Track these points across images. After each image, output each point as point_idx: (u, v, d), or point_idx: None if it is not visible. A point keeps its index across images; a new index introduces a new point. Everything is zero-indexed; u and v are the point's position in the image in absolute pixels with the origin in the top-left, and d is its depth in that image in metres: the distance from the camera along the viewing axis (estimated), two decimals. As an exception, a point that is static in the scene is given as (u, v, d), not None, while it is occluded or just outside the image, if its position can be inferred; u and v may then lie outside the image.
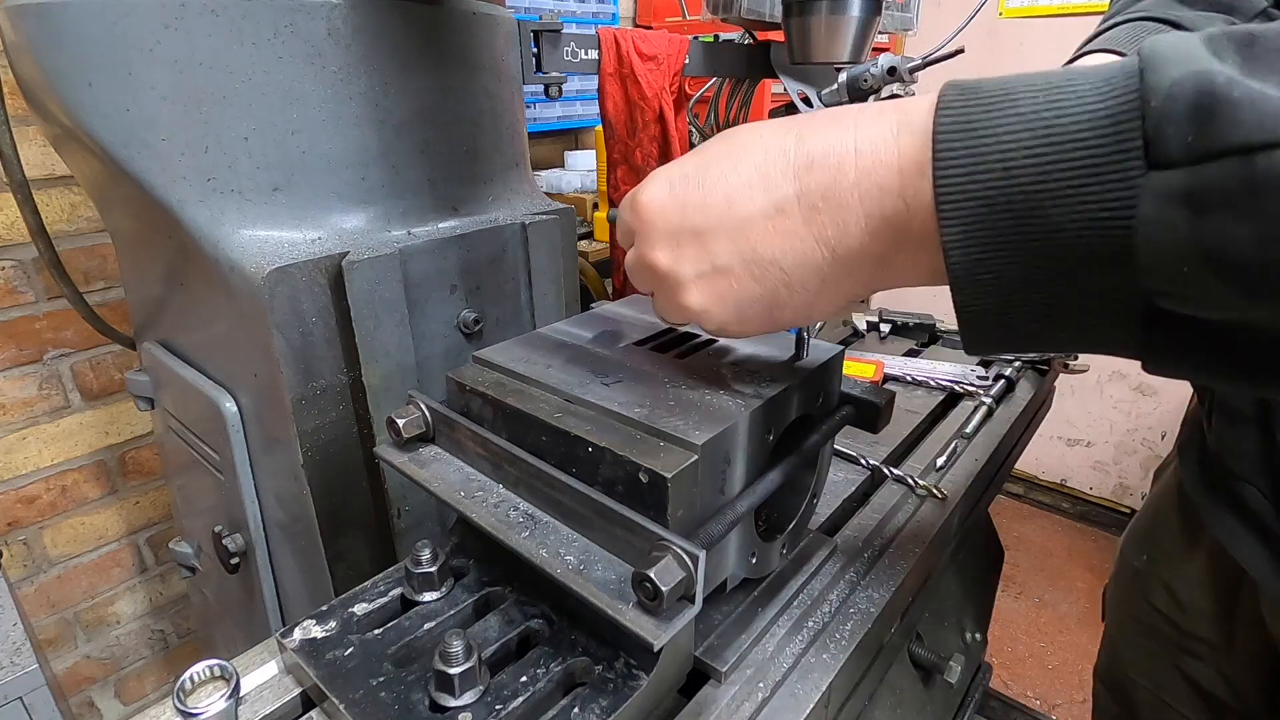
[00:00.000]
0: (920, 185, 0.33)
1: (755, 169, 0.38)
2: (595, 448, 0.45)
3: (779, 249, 0.38)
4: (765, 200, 0.38)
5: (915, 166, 0.33)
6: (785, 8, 1.02)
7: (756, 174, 0.38)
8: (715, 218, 0.39)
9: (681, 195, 0.41)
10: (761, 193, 0.38)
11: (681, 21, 2.19)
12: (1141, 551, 0.79)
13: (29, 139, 1.26)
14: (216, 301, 0.74)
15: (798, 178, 0.37)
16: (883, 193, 0.35)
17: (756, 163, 0.39)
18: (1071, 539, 2.64)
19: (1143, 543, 0.79)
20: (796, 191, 0.37)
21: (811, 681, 0.52)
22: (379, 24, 0.70)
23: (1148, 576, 0.77)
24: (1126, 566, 0.82)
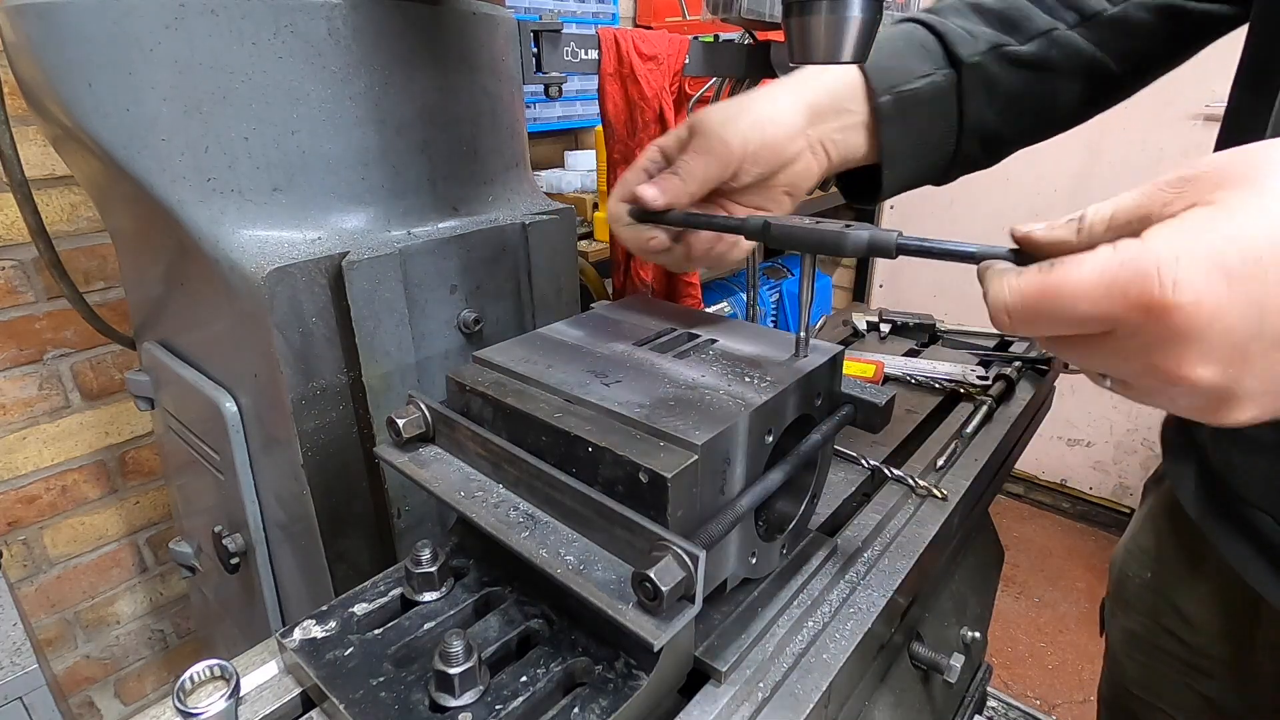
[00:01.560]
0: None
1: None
2: (595, 448, 0.45)
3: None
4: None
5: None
6: (785, 8, 1.02)
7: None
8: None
9: (1254, 291, 0.28)
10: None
11: (681, 21, 2.18)
12: (1144, 569, 0.77)
13: (29, 139, 1.26)
14: (216, 301, 0.74)
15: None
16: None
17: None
18: (1071, 539, 2.64)
19: (1144, 559, 0.77)
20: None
21: (811, 681, 0.52)
22: (379, 24, 0.70)
23: (1153, 594, 0.75)
24: (1128, 583, 0.79)
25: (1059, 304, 0.32)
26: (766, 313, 2.63)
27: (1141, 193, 0.33)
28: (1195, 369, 0.30)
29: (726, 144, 0.56)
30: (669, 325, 0.62)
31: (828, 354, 0.56)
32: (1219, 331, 0.29)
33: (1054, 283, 0.32)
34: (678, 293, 1.51)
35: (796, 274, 2.71)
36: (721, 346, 0.58)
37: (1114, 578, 0.83)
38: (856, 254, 0.47)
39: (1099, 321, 0.32)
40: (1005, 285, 0.34)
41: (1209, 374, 0.30)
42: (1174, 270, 0.28)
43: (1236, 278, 0.28)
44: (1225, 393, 0.31)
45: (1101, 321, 0.32)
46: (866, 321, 1.21)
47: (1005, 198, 2.63)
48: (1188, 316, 0.29)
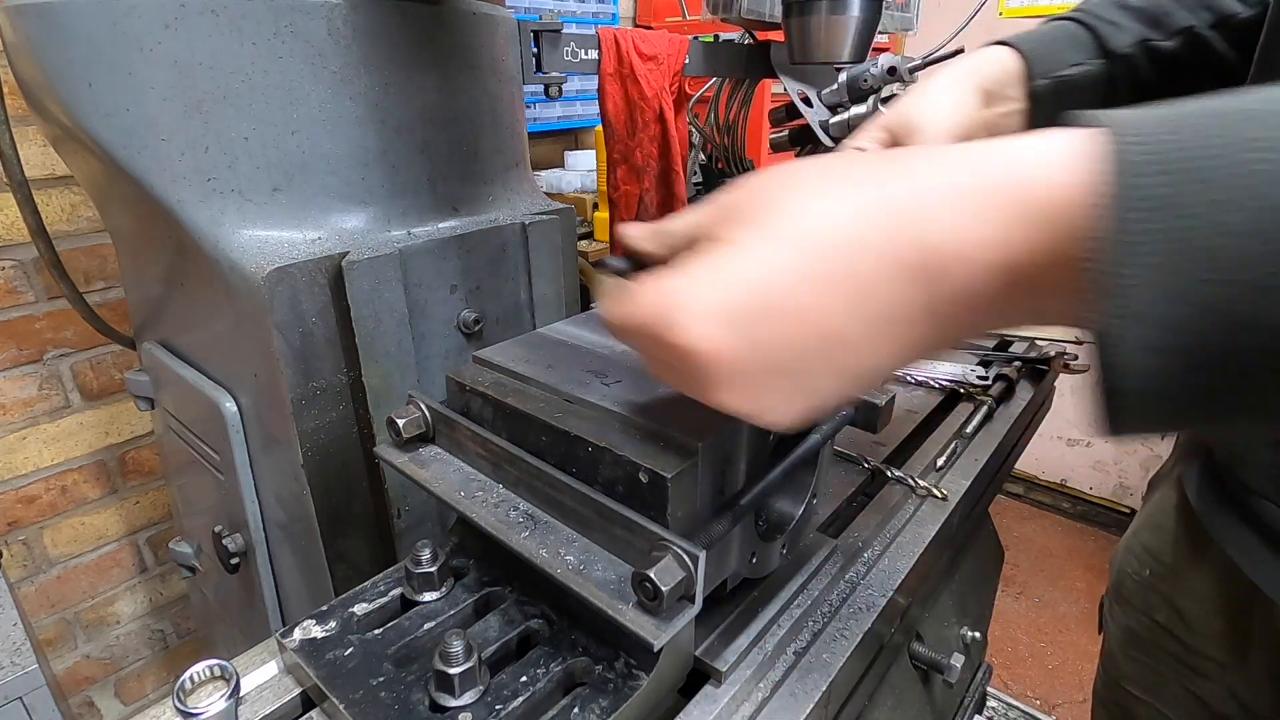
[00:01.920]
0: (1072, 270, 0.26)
1: (845, 277, 0.30)
2: (595, 448, 0.45)
3: (891, 355, 0.32)
4: (870, 316, 0.30)
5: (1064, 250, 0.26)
6: (785, 8, 1.02)
7: (848, 283, 0.30)
8: (807, 350, 0.31)
9: (750, 333, 0.31)
10: (861, 307, 0.30)
11: (681, 21, 2.19)
12: (1143, 566, 0.77)
13: (29, 139, 1.26)
14: (216, 301, 0.74)
15: (906, 282, 0.29)
16: (1018, 282, 0.28)
17: (844, 267, 0.30)
18: (1071, 539, 2.64)
19: (1143, 556, 0.77)
20: (908, 297, 0.30)
21: (811, 681, 0.52)
22: (379, 24, 0.70)
23: (1149, 591, 0.75)
24: (1126, 580, 0.80)
25: (627, 334, 0.36)
26: (766, 313, 2.63)
27: (707, 208, 0.36)
28: (727, 400, 0.33)
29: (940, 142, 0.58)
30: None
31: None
32: (735, 373, 0.32)
33: (620, 314, 0.35)
34: (678, 293, 1.51)
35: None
36: (721, 346, 0.58)
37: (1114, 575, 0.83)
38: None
39: (653, 355, 0.36)
40: (602, 306, 0.37)
41: (738, 402, 0.33)
42: (687, 319, 0.31)
43: (741, 325, 0.31)
44: (756, 412, 0.34)
45: (655, 355, 0.35)
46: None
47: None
48: (708, 363, 0.32)
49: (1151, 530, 0.77)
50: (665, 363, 0.35)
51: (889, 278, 0.29)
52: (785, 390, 0.33)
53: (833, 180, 0.32)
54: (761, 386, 0.33)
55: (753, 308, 0.31)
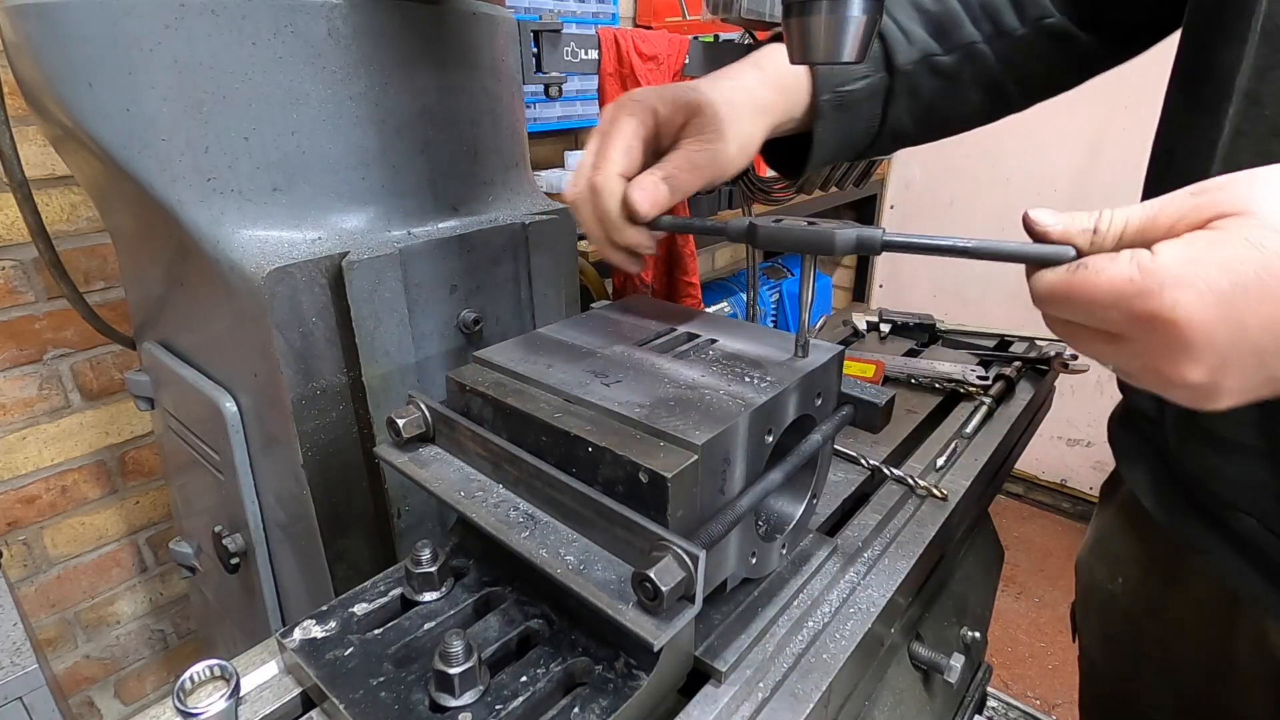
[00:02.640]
0: None
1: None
2: (595, 448, 0.45)
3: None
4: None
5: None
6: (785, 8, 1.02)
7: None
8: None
9: (1240, 313, 0.34)
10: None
11: (681, 21, 2.18)
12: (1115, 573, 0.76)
13: (29, 139, 1.26)
14: (216, 301, 0.74)
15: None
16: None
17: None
18: (1071, 539, 2.64)
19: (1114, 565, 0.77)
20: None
21: (811, 681, 0.52)
22: (379, 24, 0.70)
23: (1126, 599, 0.75)
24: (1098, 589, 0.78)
25: (1078, 304, 0.38)
26: (766, 313, 2.63)
27: (1150, 211, 0.38)
28: (1188, 373, 0.36)
29: (717, 165, 0.57)
30: (669, 325, 0.62)
31: (828, 354, 0.56)
32: (1208, 344, 0.35)
33: (1077, 284, 0.38)
34: (678, 293, 1.51)
35: (796, 274, 2.71)
36: (721, 346, 0.58)
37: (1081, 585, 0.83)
38: (845, 252, 0.48)
39: (1109, 325, 0.38)
40: (1043, 276, 0.40)
41: (1198, 376, 0.36)
42: (1175, 292, 0.34)
43: (1225, 301, 0.34)
44: (1210, 389, 0.36)
45: (1111, 325, 0.37)
46: (866, 321, 1.21)
47: (1005, 198, 2.63)
48: (1183, 332, 0.34)
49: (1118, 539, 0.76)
50: (1134, 335, 0.37)
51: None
52: (1250, 373, 0.35)
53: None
54: (1231, 367, 0.35)
55: (1241, 287, 0.33)
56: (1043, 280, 0.40)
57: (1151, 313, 0.35)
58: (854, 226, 0.48)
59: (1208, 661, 0.68)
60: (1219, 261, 0.34)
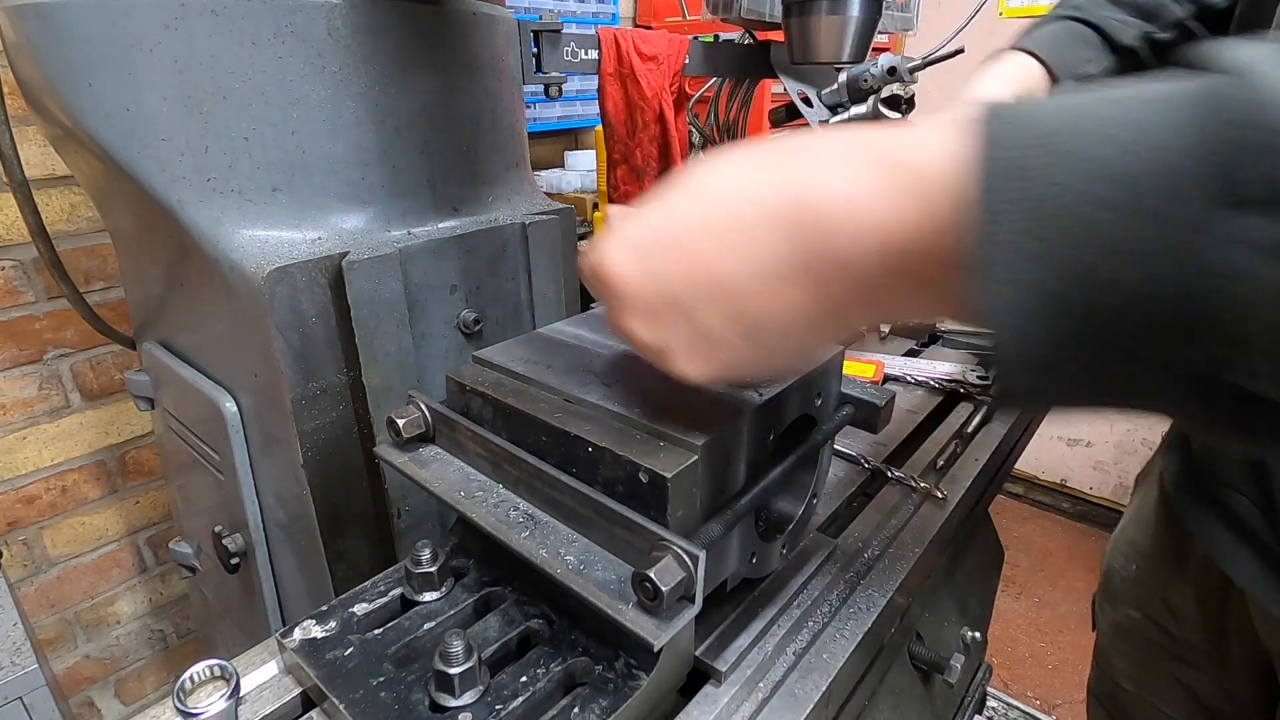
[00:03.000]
0: (941, 241, 0.28)
1: (733, 224, 0.33)
2: (595, 448, 0.45)
3: (772, 311, 0.34)
4: (751, 262, 0.33)
5: (932, 219, 0.28)
6: (785, 8, 1.02)
7: (736, 230, 0.33)
8: (696, 286, 0.35)
9: (652, 264, 0.36)
10: (745, 253, 0.33)
11: (681, 21, 2.18)
12: (1130, 561, 0.78)
13: (29, 139, 1.26)
14: (216, 301, 0.74)
15: (785, 233, 0.32)
16: (891, 248, 0.29)
17: (734, 215, 0.33)
18: (1071, 539, 2.64)
19: (1130, 552, 0.78)
20: (785, 249, 0.32)
21: (811, 681, 0.52)
22: (379, 24, 0.70)
23: (1138, 586, 0.76)
24: (1115, 576, 0.80)
25: (586, 283, 0.41)
26: (766, 313, 2.63)
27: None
28: (634, 327, 0.38)
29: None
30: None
31: (828, 354, 0.56)
32: (636, 296, 0.37)
33: (579, 265, 0.43)
34: (678, 293, 1.51)
35: (796, 274, 2.70)
36: (721, 346, 0.57)
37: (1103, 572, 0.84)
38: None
39: (591, 285, 0.41)
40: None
41: (642, 330, 0.38)
42: (608, 250, 0.38)
43: (641, 253, 0.36)
44: (660, 348, 0.38)
45: (591, 285, 0.41)
46: (866, 321, 1.21)
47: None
48: (613, 280, 0.38)
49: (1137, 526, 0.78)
50: (604, 299, 0.40)
51: (769, 225, 0.32)
52: (686, 332, 0.36)
53: (746, 152, 0.35)
54: (663, 320, 0.36)
55: (653, 241, 0.36)
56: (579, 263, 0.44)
57: (594, 267, 0.39)
58: None
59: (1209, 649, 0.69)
60: (641, 221, 0.37)
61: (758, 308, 0.34)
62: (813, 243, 0.31)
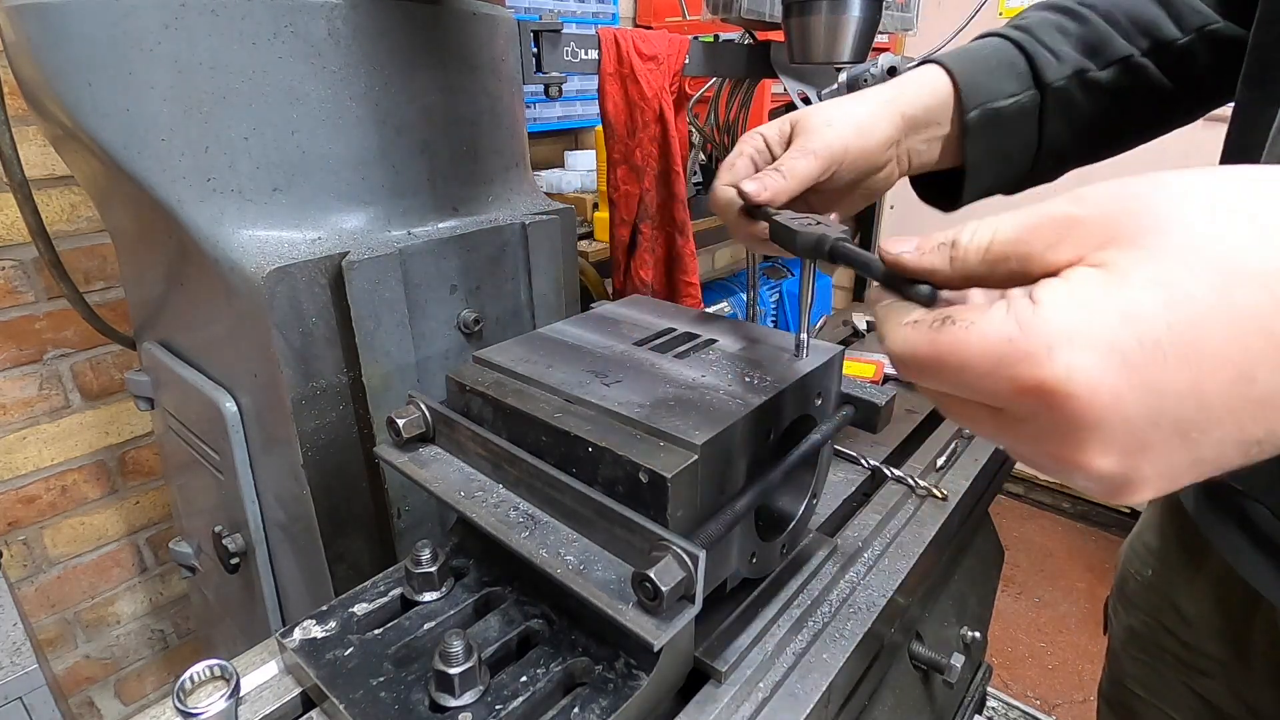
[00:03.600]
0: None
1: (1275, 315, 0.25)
2: (595, 448, 0.45)
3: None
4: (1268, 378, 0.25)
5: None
6: (785, 8, 1.02)
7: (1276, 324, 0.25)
8: (1215, 405, 0.26)
9: (1149, 378, 0.26)
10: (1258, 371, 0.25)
11: (681, 21, 2.18)
12: (1144, 566, 0.77)
13: (29, 139, 1.26)
14: (216, 301, 0.74)
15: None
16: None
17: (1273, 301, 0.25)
18: (1071, 539, 2.64)
19: (1145, 556, 0.77)
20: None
21: (811, 681, 0.52)
22: (379, 24, 0.70)
23: (1153, 592, 0.75)
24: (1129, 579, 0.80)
25: (947, 371, 0.30)
26: (766, 313, 2.63)
27: (1022, 224, 0.30)
28: (1094, 460, 0.28)
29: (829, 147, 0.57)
30: (669, 325, 0.62)
31: (828, 354, 0.56)
32: (1117, 422, 0.27)
33: (944, 347, 0.29)
34: (678, 293, 1.51)
35: (796, 274, 2.71)
36: (721, 346, 0.58)
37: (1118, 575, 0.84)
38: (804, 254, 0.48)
39: (988, 396, 0.29)
40: (900, 336, 0.31)
41: (1108, 464, 0.28)
42: (1068, 354, 0.26)
43: (1134, 364, 0.26)
44: (1124, 479, 0.28)
45: (991, 396, 0.29)
46: (866, 321, 1.21)
47: (1006, 201, 2.63)
48: (1084, 406, 0.26)
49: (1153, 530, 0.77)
50: (1014, 411, 0.29)
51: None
52: (1173, 454, 0.27)
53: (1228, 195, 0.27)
54: (1146, 446, 0.27)
55: (1147, 344, 0.25)
56: (894, 339, 0.32)
57: (1039, 381, 0.27)
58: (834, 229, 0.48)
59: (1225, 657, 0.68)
60: (1121, 311, 0.26)
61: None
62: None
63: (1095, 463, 0.28)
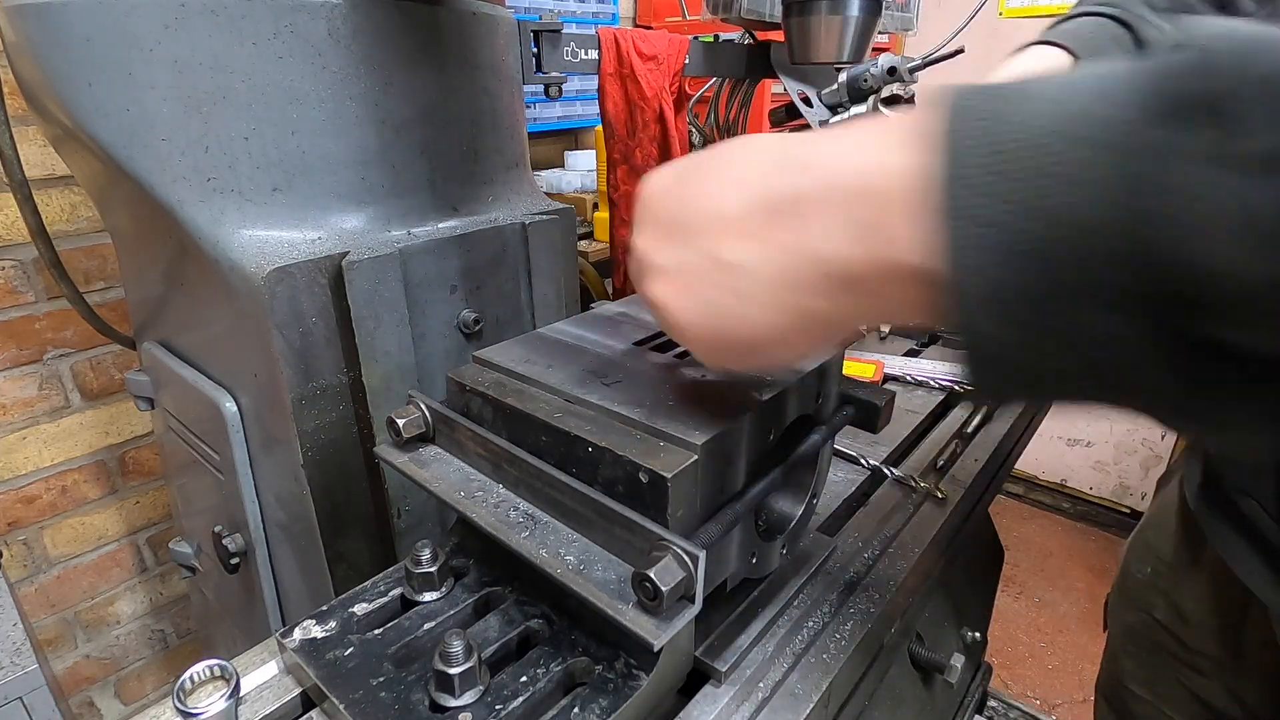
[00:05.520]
0: (908, 185, 0.28)
1: (741, 170, 0.37)
2: (595, 448, 0.45)
3: (739, 252, 0.35)
4: (738, 200, 0.35)
5: (906, 170, 0.28)
6: (785, 8, 1.02)
7: (740, 174, 0.36)
8: (696, 214, 0.38)
9: (679, 188, 0.39)
10: (735, 192, 0.36)
11: (681, 21, 2.19)
12: (1144, 563, 0.77)
13: (29, 139, 1.26)
14: (216, 301, 0.74)
15: (769, 180, 0.35)
16: (858, 196, 0.31)
17: (744, 164, 0.37)
18: (1071, 539, 2.64)
19: (1145, 554, 0.78)
20: (764, 193, 0.34)
21: (811, 681, 0.52)
22: (379, 24, 0.70)
23: (1150, 589, 0.76)
24: (1129, 577, 0.80)
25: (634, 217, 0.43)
26: (766, 313, 2.63)
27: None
28: (640, 236, 0.41)
29: None
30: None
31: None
32: (656, 211, 0.40)
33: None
34: (678, 293, 1.51)
35: (796, 274, 2.70)
36: (721, 346, 0.57)
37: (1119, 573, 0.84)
38: None
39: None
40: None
41: (643, 243, 0.40)
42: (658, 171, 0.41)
43: (677, 178, 0.40)
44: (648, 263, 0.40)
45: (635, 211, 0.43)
46: (866, 321, 1.21)
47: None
48: (645, 194, 0.41)
49: (1155, 529, 0.77)
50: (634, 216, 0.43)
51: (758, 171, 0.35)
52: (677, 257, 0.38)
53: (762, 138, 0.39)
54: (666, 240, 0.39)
55: (685, 170, 0.40)
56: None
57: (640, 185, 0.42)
58: None
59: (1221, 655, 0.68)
60: (690, 156, 0.41)
61: (728, 243, 0.36)
62: (787, 186, 0.34)
63: (640, 239, 0.41)
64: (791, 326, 0.35)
